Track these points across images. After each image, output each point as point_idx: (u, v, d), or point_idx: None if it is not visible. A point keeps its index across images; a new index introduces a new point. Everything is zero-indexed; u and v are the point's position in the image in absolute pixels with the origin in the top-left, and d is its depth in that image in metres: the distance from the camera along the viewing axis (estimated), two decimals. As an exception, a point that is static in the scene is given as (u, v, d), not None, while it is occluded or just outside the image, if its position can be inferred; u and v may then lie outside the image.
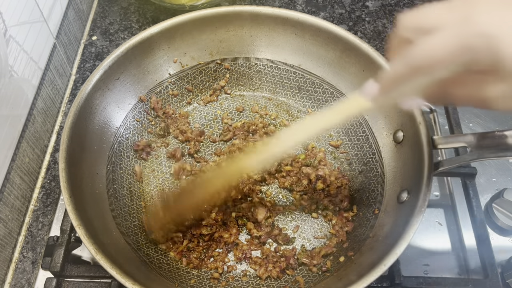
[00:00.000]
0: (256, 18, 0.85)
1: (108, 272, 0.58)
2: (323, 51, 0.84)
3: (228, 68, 0.90)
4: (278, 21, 0.84)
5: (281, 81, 0.90)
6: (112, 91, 0.79)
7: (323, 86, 0.87)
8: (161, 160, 0.84)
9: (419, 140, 0.68)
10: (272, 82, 0.90)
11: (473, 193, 0.76)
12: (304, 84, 0.88)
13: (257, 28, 0.86)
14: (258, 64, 0.90)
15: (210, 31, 0.86)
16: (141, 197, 0.79)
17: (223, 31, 0.86)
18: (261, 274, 0.71)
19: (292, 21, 0.83)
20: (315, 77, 0.87)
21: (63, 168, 0.66)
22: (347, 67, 0.83)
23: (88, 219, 0.65)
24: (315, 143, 0.85)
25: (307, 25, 0.82)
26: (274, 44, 0.87)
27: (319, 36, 0.83)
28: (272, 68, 0.89)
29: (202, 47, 0.87)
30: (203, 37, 0.86)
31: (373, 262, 0.60)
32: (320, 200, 0.78)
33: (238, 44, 0.88)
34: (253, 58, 0.89)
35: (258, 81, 0.91)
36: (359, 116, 0.82)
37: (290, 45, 0.86)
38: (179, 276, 0.71)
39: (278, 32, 0.86)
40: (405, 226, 0.61)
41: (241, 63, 0.90)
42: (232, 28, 0.86)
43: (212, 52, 0.89)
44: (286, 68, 0.89)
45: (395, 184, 0.73)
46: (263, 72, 0.90)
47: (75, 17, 1.02)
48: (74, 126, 0.70)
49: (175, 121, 0.86)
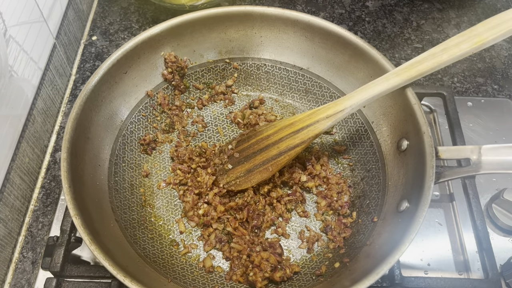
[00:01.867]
0: (266, 19, 0.85)
1: (108, 272, 0.58)
2: (332, 55, 0.84)
3: (236, 68, 0.90)
4: (288, 23, 0.84)
5: (289, 83, 0.90)
6: (119, 85, 0.80)
7: (330, 90, 0.87)
8: (164, 156, 0.84)
9: (423, 150, 0.67)
10: (280, 83, 0.90)
11: (473, 193, 0.76)
12: (311, 87, 0.88)
13: (267, 29, 0.86)
14: (267, 65, 0.90)
15: (220, 30, 0.86)
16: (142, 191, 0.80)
17: (233, 31, 0.86)
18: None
19: (302, 23, 0.83)
20: (323, 80, 0.87)
21: (64, 158, 0.66)
22: (355, 72, 0.83)
23: (86, 210, 0.65)
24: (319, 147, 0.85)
25: (317, 28, 0.82)
26: (283, 46, 0.87)
27: (329, 39, 0.83)
28: (280, 70, 0.89)
29: (211, 45, 0.88)
30: (212, 35, 0.86)
31: (367, 270, 0.60)
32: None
33: (247, 44, 0.88)
34: (262, 59, 0.89)
35: (266, 82, 0.91)
36: (364, 122, 0.82)
37: (300, 47, 0.87)
38: (173, 272, 0.71)
39: (288, 34, 0.86)
40: (402, 235, 0.61)
41: (250, 63, 0.90)
42: (242, 28, 0.86)
43: (221, 51, 0.89)
44: (295, 71, 0.89)
45: (396, 192, 0.73)
46: (271, 73, 0.90)
47: (75, 17, 1.02)
48: (79, 117, 0.71)
49: (181, 117, 0.87)
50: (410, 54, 1.05)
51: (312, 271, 0.72)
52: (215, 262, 0.74)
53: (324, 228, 0.77)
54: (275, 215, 0.77)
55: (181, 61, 0.85)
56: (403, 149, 0.74)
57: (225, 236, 0.75)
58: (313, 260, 0.74)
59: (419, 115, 0.70)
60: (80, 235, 0.61)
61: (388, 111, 0.78)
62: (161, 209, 0.79)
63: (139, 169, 0.82)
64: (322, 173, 0.81)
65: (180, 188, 0.80)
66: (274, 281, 0.70)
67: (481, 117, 0.94)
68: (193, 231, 0.77)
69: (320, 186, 0.81)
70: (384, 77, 0.70)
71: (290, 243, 0.76)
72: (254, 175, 0.77)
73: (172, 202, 0.80)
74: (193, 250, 0.75)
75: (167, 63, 0.84)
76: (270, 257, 0.69)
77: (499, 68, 1.04)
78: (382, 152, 0.79)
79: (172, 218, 0.78)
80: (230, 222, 0.75)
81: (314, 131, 0.73)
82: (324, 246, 0.75)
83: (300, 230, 0.77)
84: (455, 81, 1.01)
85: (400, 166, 0.74)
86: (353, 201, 0.79)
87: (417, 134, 0.70)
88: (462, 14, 1.14)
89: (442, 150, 0.69)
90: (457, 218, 0.81)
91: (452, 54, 0.66)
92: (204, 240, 0.75)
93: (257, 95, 0.91)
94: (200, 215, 0.76)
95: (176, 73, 0.85)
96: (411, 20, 1.13)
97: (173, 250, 0.74)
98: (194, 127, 0.88)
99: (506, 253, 0.77)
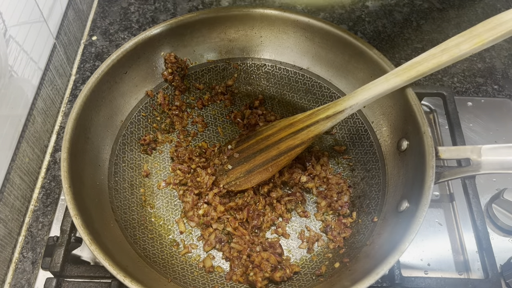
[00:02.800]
0: (266, 19, 0.85)
1: (108, 272, 0.58)
2: (332, 55, 0.84)
3: (236, 68, 0.90)
4: (288, 23, 0.84)
5: (289, 83, 0.90)
6: (119, 85, 0.80)
7: (330, 90, 0.87)
8: (164, 156, 0.84)
9: (423, 150, 0.67)
10: (280, 83, 0.90)
11: (473, 193, 0.76)
12: (311, 87, 0.88)
13: (267, 29, 0.86)
14: (267, 65, 0.90)
15: (220, 30, 0.86)
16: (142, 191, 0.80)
17: (233, 31, 0.87)
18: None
19: (302, 23, 0.83)
20: (323, 80, 0.87)
21: (64, 158, 0.66)
22: (355, 72, 0.83)
23: (86, 210, 0.65)
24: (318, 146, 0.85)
25: (317, 28, 0.83)
26: (283, 46, 0.88)
27: (329, 40, 0.83)
28: (280, 70, 0.89)
29: (211, 45, 0.88)
30: (212, 35, 0.87)
31: (367, 270, 0.60)
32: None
33: (247, 44, 0.88)
34: (262, 59, 0.90)
35: (266, 82, 0.91)
36: (364, 122, 0.82)
37: (300, 47, 0.87)
38: (173, 272, 0.71)
39: (288, 34, 0.86)
40: (402, 235, 0.61)
41: (250, 63, 0.90)
42: (242, 28, 0.86)
43: (221, 51, 0.89)
44: (295, 71, 0.89)
45: (396, 192, 0.73)
46: (271, 73, 0.90)
47: (75, 17, 1.02)
48: (79, 117, 0.71)
49: (181, 117, 0.87)
50: (410, 54, 1.05)
51: (312, 271, 0.72)
52: (215, 262, 0.74)
53: (324, 228, 0.77)
54: (275, 215, 0.77)
55: (181, 62, 0.85)
56: (403, 149, 0.74)
57: (225, 236, 0.75)
58: (313, 260, 0.74)
59: (419, 115, 0.70)
60: (80, 235, 0.61)
61: (388, 111, 0.78)
62: (161, 209, 0.79)
63: (139, 169, 0.82)
64: (322, 173, 0.81)
65: (180, 188, 0.80)
66: (274, 281, 0.70)
67: (481, 117, 0.94)
68: (193, 231, 0.76)
69: (320, 186, 0.81)
70: (384, 77, 0.70)
71: (290, 243, 0.76)
72: (254, 175, 0.77)
73: (172, 202, 0.80)
74: (193, 250, 0.75)
75: (167, 64, 0.84)
76: (270, 257, 0.69)
77: (499, 68, 1.04)
78: (382, 152, 0.79)
79: (172, 218, 0.78)
80: (230, 222, 0.75)
81: (314, 132, 0.73)
82: (324, 246, 0.75)
83: (300, 230, 0.77)
84: (455, 81, 1.01)
85: (400, 166, 0.74)
86: (353, 201, 0.79)
87: (417, 134, 0.70)
88: (462, 14, 1.14)
89: (442, 150, 0.68)
90: (457, 218, 0.81)
91: (452, 54, 0.66)
92: (204, 240, 0.75)
93: (257, 95, 0.91)
94: (200, 215, 0.76)
95: (177, 73, 0.85)
96: (411, 20, 1.13)
97: (173, 250, 0.74)
98: (194, 127, 0.88)
99: (506, 253, 0.77)
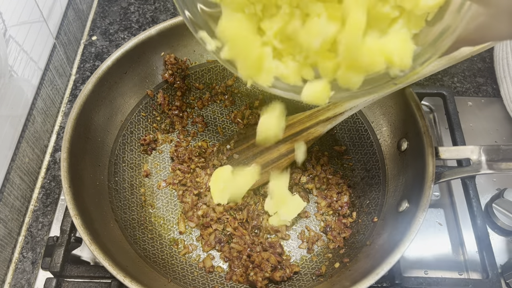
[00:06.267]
0: None
1: (108, 272, 0.58)
2: None
3: None
4: None
5: None
6: (119, 85, 0.80)
7: None
8: (164, 156, 0.84)
9: (423, 150, 0.67)
10: None
11: (473, 193, 0.76)
12: None
13: None
14: None
15: None
16: (142, 191, 0.80)
17: None
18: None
19: None
20: None
21: (64, 158, 0.66)
22: None
23: (86, 210, 0.65)
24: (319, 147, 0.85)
25: None
26: None
27: None
28: None
29: None
30: None
31: (367, 270, 0.60)
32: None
33: None
34: None
35: None
36: (364, 122, 0.82)
37: None
38: (173, 272, 0.71)
39: None
40: (402, 235, 0.61)
41: None
42: None
43: None
44: None
45: (396, 192, 0.73)
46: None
47: (75, 17, 1.02)
48: (79, 117, 0.71)
49: (181, 117, 0.87)
50: (410, 54, 1.05)
51: (312, 271, 0.72)
52: (215, 262, 0.74)
53: (324, 228, 0.77)
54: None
55: (181, 63, 0.85)
56: (403, 149, 0.74)
57: (224, 237, 0.75)
58: (313, 260, 0.74)
59: (419, 115, 0.70)
60: (80, 235, 0.61)
61: (388, 111, 0.78)
62: (161, 209, 0.79)
63: (139, 169, 0.82)
64: (322, 174, 0.80)
65: (180, 188, 0.80)
66: (274, 281, 0.70)
67: (481, 117, 0.94)
68: (193, 231, 0.77)
69: (320, 186, 0.81)
70: None
71: (290, 243, 0.76)
72: None
73: (172, 202, 0.79)
74: (193, 250, 0.75)
75: (167, 65, 0.84)
76: (270, 257, 0.69)
77: (499, 68, 1.03)
78: (382, 152, 0.79)
79: (172, 218, 0.78)
80: (229, 222, 0.75)
81: (314, 134, 0.73)
82: (324, 246, 0.75)
83: (300, 230, 0.77)
84: (455, 81, 1.01)
85: (400, 166, 0.74)
86: (353, 201, 0.79)
87: (417, 134, 0.70)
88: (462, 14, 1.14)
89: (442, 150, 0.69)
90: (457, 218, 0.81)
91: (452, 56, 0.66)
92: (204, 240, 0.75)
93: (257, 95, 0.91)
94: (200, 216, 0.76)
95: (177, 74, 0.85)
96: (411, 20, 1.12)
97: (173, 250, 0.74)
98: (194, 127, 0.88)
99: (506, 253, 0.77)
